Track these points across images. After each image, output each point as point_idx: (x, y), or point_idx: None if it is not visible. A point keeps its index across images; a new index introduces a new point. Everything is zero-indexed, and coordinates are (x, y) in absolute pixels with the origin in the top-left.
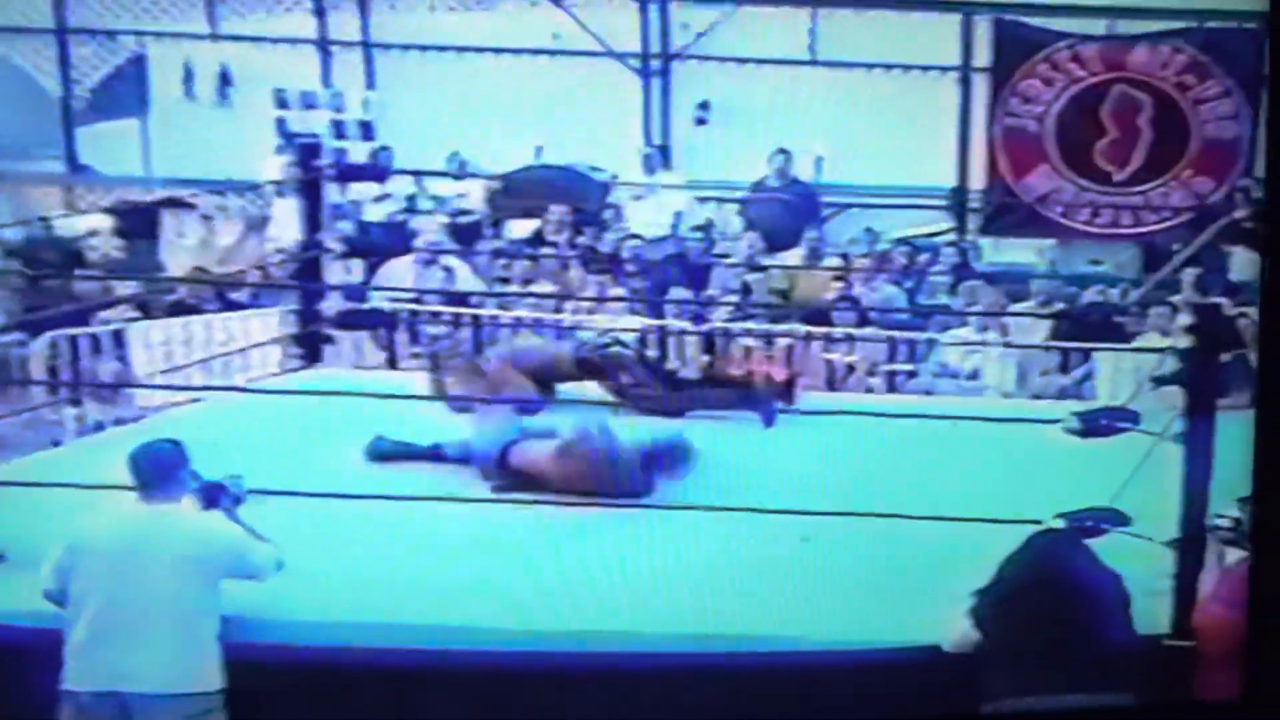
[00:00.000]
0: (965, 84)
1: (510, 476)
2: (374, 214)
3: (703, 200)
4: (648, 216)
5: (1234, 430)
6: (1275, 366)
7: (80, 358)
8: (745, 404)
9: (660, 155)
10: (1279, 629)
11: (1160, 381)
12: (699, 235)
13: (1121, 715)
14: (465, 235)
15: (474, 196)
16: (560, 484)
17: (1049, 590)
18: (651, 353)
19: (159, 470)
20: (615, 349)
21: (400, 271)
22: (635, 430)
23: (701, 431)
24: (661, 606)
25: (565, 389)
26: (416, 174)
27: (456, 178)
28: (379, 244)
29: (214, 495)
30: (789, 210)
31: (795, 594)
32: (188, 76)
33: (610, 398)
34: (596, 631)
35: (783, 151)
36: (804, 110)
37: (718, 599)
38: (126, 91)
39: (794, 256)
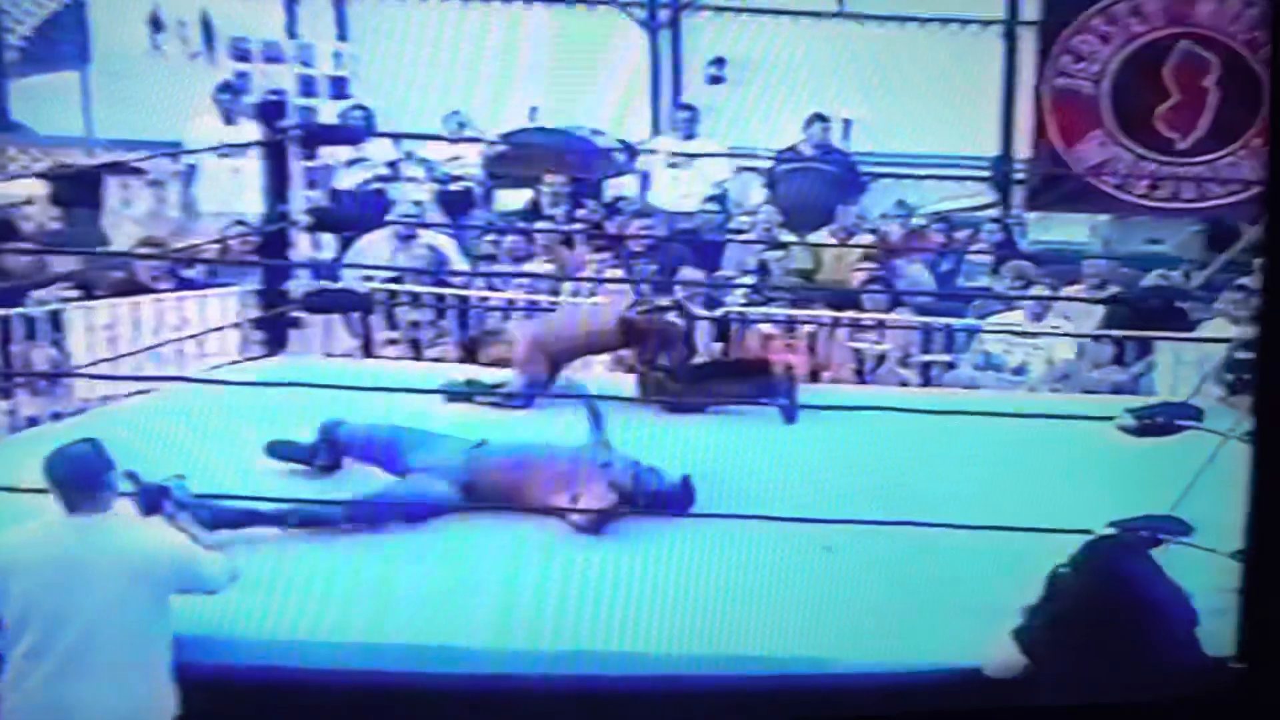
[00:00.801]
0: (1010, 40)
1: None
2: (347, 181)
3: (741, 170)
4: (680, 188)
5: None
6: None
7: (10, 343)
8: (766, 395)
9: (691, 118)
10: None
11: (1227, 374)
12: (714, 208)
13: (1124, 714)
14: (457, 205)
15: (469, 161)
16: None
17: (1108, 609)
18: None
19: (78, 478)
20: (672, 316)
21: (377, 247)
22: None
23: (714, 428)
24: (669, 624)
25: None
26: (395, 137)
27: (450, 141)
28: (352, 216)
29: (155, 500)
30: (826, 182)
31: (817, 610)
32: (156, 25)
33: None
34: (595, 652)
35: (821, 118)
36: (830, 69)
37: (731, 615)
38: (65, 40)
39: (822, 233)
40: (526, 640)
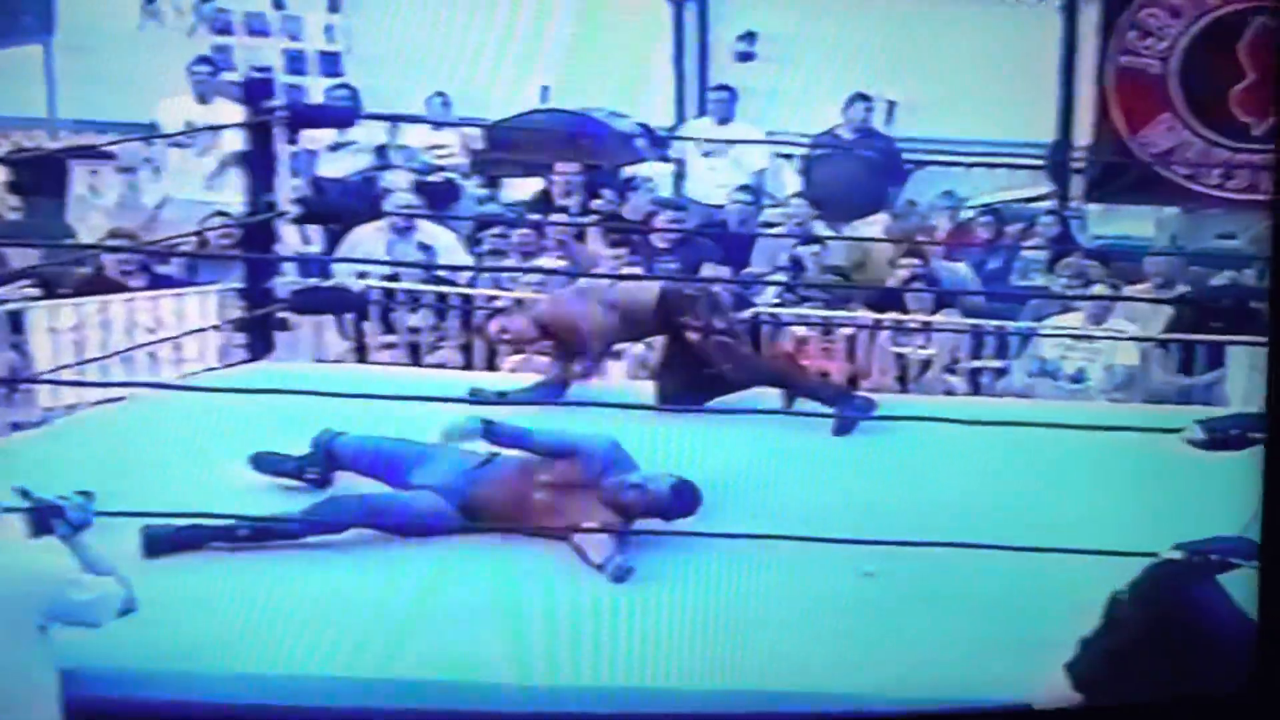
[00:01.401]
0: (1070, 14)
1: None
2: (332, 168)
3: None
4: (717, 177)
5: None
6: None
7: None
8: (826, 397)
9: (730, 99)
10: None
11: None
12: (747, 198)
13: (1132, 713)
14: (438, 198)
15: (453, 149)
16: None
17: (1171, 641)
18: None
19: None
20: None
21: (369, 242)
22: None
23: (740, 438)
24: (695, 656)
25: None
26: (392, 119)
27: (436, 125)
28: (343, 206)
29: (45, 520)
30: (866, 170)
31: (856, 640)
32: None
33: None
34: (613, 689)
35: (863, 98)
36: (872, 46)
37: (763, 646)
38: (26, 10)
39: (864, 226)
40: (530, 674)
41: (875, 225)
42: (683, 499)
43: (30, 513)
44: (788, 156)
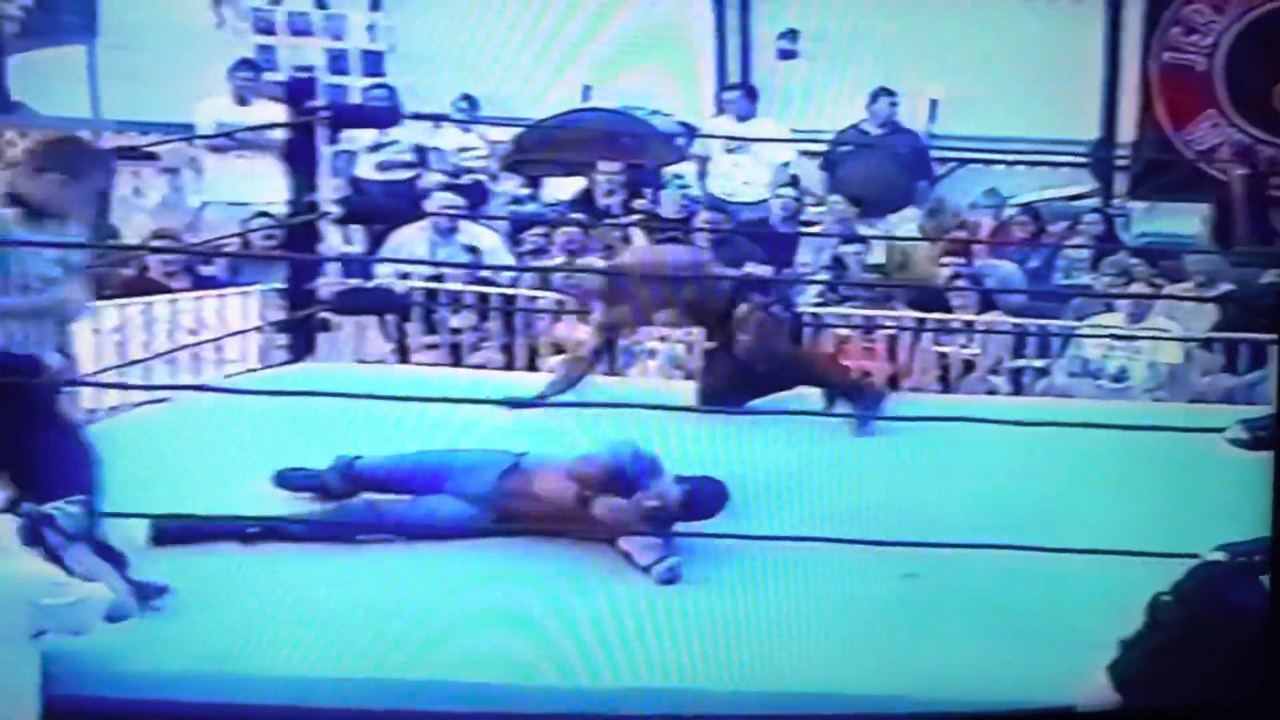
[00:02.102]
0: (1114, 10)
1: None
2: (372, 169)
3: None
4: (741, 174)
5: None
6: None
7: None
8: (849, 395)
9: (749, 97)
10: None
11: None
12: (792, 193)
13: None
14: (470, 199)
15: (482, 151)
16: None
17: (1214, 643)
18: None
19: None
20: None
21: (413, 243)
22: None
23: (776, 439)
24: (731, 658)
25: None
26: (434, 119)
27: (465, 127)
28: (386, 207)
29: (36, 530)
30: (892, 165)
31: (897, 642)
32: None
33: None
34: (643, 690)
35: (887, 93)
36: (914, 42)
37: (802, 648)
38: (70, 10)
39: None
40: (567, 676)
41: (908, 222)
42: (701, 504)
43: (23, 522)
44: (810, 154)
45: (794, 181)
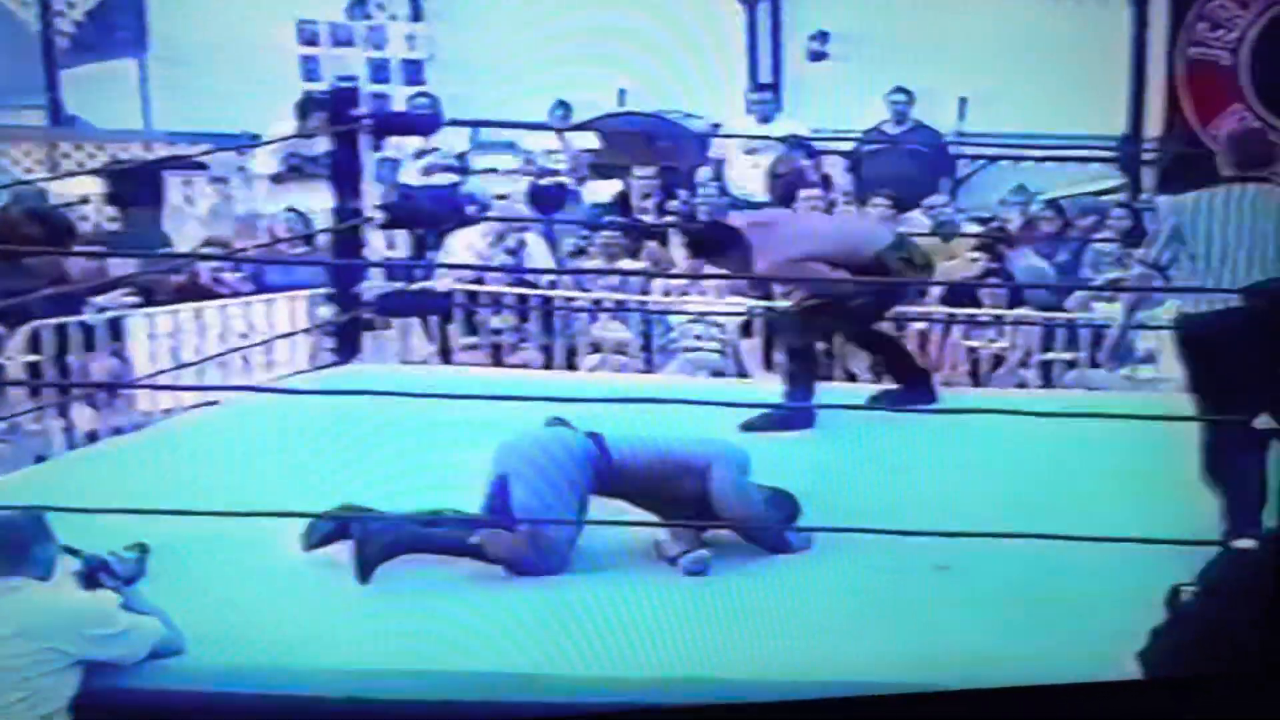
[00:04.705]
0: (1140, 7)
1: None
2: (416, 175)
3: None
4: (760, 173)
5: None
6: None
7: (69, 353)
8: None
9: (770, 99)
10: None
11: None
12: (818, 193)
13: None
14: (550, 201)
15: (569, 154)
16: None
17: (1240, 631)
18: None
19: (7, 548)
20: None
21: (464, 246)
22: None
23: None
24: (761, 650)
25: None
26: (475, 124)
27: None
28: (428, 212)
29: (93, 574)
30: (913, 163)
31: (929, 633)
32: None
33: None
34: (682, 679)
35: (902, 90)
36: (943, 42)
37: (832, 640)
38: (121, 25)
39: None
40: (599, 665)
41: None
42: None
43: (81, 573)
44: (828, 152)
45: (825, 181)
